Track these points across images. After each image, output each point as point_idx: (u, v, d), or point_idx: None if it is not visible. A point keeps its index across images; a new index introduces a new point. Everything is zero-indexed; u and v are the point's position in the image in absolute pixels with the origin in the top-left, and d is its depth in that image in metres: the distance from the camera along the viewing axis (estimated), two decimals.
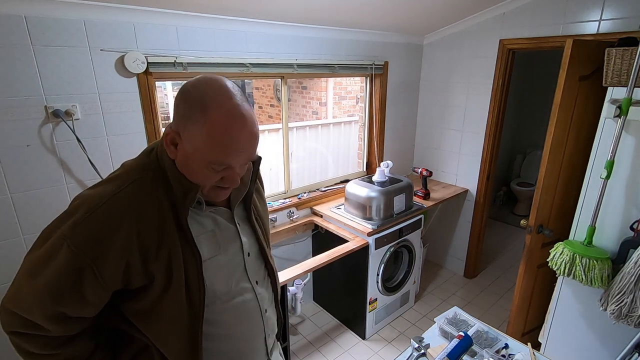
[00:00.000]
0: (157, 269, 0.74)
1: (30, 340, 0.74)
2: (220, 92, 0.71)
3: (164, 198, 0.75)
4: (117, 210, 0.71)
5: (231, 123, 0.70)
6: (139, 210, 0.72)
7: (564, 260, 1.58)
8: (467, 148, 2.93)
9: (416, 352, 1.27)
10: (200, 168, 0.74)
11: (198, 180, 0.76)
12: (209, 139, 0.70)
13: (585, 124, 1.83)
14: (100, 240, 0.69)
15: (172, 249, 0.75)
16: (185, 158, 0.74)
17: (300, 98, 5.37)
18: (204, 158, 0.72)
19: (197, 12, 1.75)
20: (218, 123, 0.69)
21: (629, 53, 1.44)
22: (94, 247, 0.69)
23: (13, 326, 0.73)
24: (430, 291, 2.99)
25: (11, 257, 1.52)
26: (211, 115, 0.69)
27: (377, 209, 2.30)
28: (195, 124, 0.70)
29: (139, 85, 1.70)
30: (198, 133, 0.70)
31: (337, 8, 2.02)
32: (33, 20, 1.39)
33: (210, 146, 0.70)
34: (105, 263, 0.70)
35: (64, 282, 0.69)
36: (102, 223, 0.70)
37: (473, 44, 2.70)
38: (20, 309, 0.71)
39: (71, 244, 0.68)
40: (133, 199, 0.73)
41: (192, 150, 0.72)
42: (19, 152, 1.46)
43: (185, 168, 0.75)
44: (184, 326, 0.79)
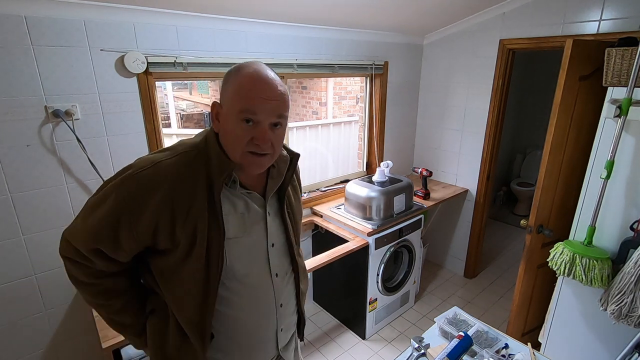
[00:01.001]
0: (183, 235, 0.81)
1: (78, 268, 0.86)
2: (255, 62, 0.84)
3: (202, 173, 0.82)
4: (159, 175, 0.79)
5: (258, 74, 0.81)
6: (177, 179, 0.80)
7: (564, 260, 1.58)
8: (467, 148, 2.93)
9: (416, 352, 1.27)
10: (234, 125, 0.80)
11: (234, 143, 0.82)
12: (239, 87, 0.80)
13: (585, 124, 1.83)
14: (139, 197, 0.78)
15: (200, 221, 0.81)
16: (224, 124, 0.82)
17: (300, 98, 5.37)
18: (236, 109, 0.79)
19: (197, 12, 1.75)
20: (247, 75, 0.80)
21: (629, 53, 1.44)
22: (133, 202, 0.78)
23: (67, 252, 0.86)
24: (430, 291, 2.99)
25: (11, 257, 1.52)
26: (242, 71, 0.81)
27: (377, 209, 2.30)
28: (231, 82, 0.81)
29: (139, 85, 1.70)
30: (231, 88, 0.81)
31: (337, 8, 2.02)
32: (33, 20, 1.39)
33: (239, 95, 0.79)
34: (140, 218, 0.78)
35: (105, 225, 0.79)
36: (144, 183, 0.79)
37: (473, 44, 2.70)
38: (73, 240, 0.84)
39: (117, 195, 0.79)
40: (174, 168, 0.81)
41: (227, 109, 0.81)
42: (19, 152, 1.46)
43: (224, 135, 0.83)
44: (198, 296, 0.85)
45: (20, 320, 1.60)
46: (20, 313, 1.59)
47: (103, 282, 0.88)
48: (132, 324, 0.94)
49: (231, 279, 0.87)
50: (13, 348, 1.61)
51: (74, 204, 1.63)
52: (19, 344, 1.62)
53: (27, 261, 1.56)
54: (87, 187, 1.65)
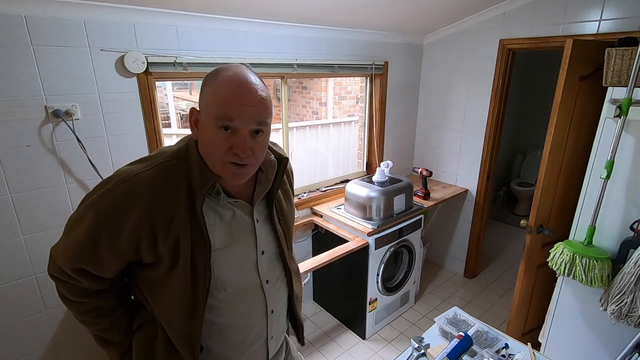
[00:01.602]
0: (165, 250, 0.79)
1: (65, 286, 0.86)
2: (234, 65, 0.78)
3: (183, 184, 0.79)
4: (136, 189, 0.76)
5: (237, 79, 0.75)
6: (155, 193, 0.77)
7: (564, 260, 1.58)
8: (467, 148, 2.93)
9: (416, 352, 1.27)
10: (211, 133, 0.76)
11: (213, 152, 0.77)
12: (216, 92, 0.75)
13: (585, 124, 1.83)
14: (116, 212, 0.75)
15: (182, 234, 0.79)
16: (202, 129, 0.78)
17: (300, 98, 5.37)
18: (213, 115, 0.75)
19: (197, 12, 1.75)
20: (225, 79, 0.76)
21: (629, 53, 1.44)
22: (110, 218, 0.76)
23: (54, 271, 0.86)
24: (430, 291, 2.99)
25: (11, 257, 1.52)
26: (220, 75, 0.76)
27: (377, 209, 2.30)
28: (208, 86, 0.77)
29: (139, 85, 1.70)
30: (209, 91, 0.76)
31: (338, 8, 2.02)
32: (33, 20, 1.39)
33: (216, 100, 0.75)
34: (119, 234, 0.76)
35: (85, 242, 0.78)
36: (121, 197, 0.76)
37: (473, 44, 2.70)
38: (57, 259, 0.84)
39: (95, 211, 0.76)
40: (153, 180, 0.77)
41: (205, 115, 0.77)
42: (19, 152, 1.46)
43: (203, 144, 0.80)
44: (187, 308, 0.83)
45: (20, 320, 1.60)
46: (20, 313, 1.59)
47: (90, 300, 0.87)
48: (120, 342, 0.93)
49: (219, 289, 0.85)
50: (13, 348, 1.61)
51: (74, 204, 1.63)
52: (19, 344, 1.62)
53: (27, 261, 1.56)
54: (87, 187, 1.65)
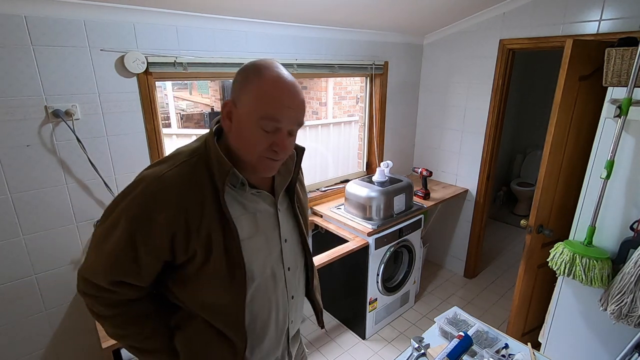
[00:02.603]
0: (198, 244, 0.80)
1: (100, 302, 0.84)
2: (274, 65, 0.80)
3: (207, 179, 0.81)
4: (165, 188, 0.78)
5: (282, 80, 0.78)
6: (183, 189, 0.78)
7: (564, 260, 1.58)
8: (467, 148, 2.93)
9: (416, 352, 1.27)
10: (252, 130, 0.78)
11: (250, 148, 0.80)
12: (262, 93, 0.76)
13: (585, 124, 1.83)
14: (150, 214, 0.76)
15: (212, 226, 0.80)
16: (239, 125, 0.79)
17: None
18: (257, 114, 0.77)
19: (197, 12, 1.75)
20: (271, 79, 0.77)
21: (629, 53, 1.44)
22: (145, 220, 0.76)
23: (87, 289, 0.83)
24: (430, 291, 2.99)
25: (11, 257, 1.52)
26: (265, 74, 0.77)
27: (377, 209, 2.30)
28: (251, 84, 0.77)
29: (139, 85, 1.70)
30: (253, 89, 0.77)
31: (338, 8, 2.02)
32: (33, 20, 1.39)
33: (262, 100, 0.76)
34: (155, 235, 0.77)
35: (123, 250, 0.78)
36: (152, 199, 0.77)
37: (473, 44, 2.70)
38: (91, 276, 0.81)
39: (128, 217, 0.77)
40: (179, 178, 0.79)
41: (246, 112, 0.78)
42: (19, 152, 1.46)
43: (238, 138, 0.81)
44: (229, 296, 0.85)
45: (20, 320, 1.60)
46: (20, 313, 1.59)
47: (129, 310, 0.86)
48: (162, 349, 0.90)
49: (250, 277, 0.88)
50: (13, 348, 1.61)
51: (74, 204, 1.63)
52: (19, 344, 1.62)
53: (27, 261, 1.56)
54: (87, 187, 1.65)
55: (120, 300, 0.84)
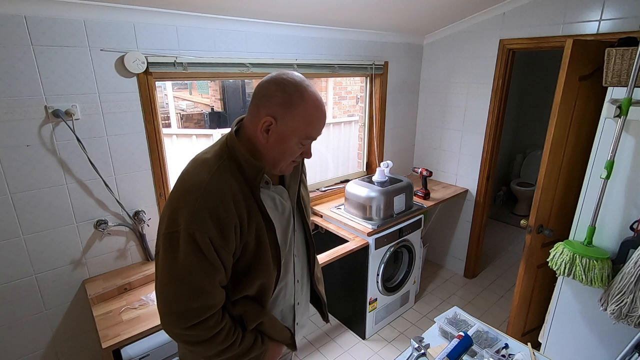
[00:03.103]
0: (250, 237, 0.89)
1: (206, 324, 0.87)
2: (306, 82, 0.88)
3: (240, 178, 0.88)
4: (217, 192, 0.84)
5: (320, 104, 0.89)
6: (230, 190, 0.86)
7: (564, 260, 1.58)
8: (467, 148, 2.93)
9: (416, 352, 1.27)
10: (292, 145, 0.89)
11: (284, 157, 0.91)
12: (310, 117, 0.87)
13: (585, 124, 1.83)
14: (215, 218, 0.82)
15: (258, 220, 0.90)
16: (278, 139, 0.88)
17: None
18: (301, 134, 0.88)
19: (197, 12, 1.75)
20: (313, 104, 0.87)
21: (629, 53, 1.44)
22: (213, 224, 0.82)
23: (188, 321, 0.85)
24: (430, 291, 2.99)
25: (11, 257, 1.52)
26: (308, 98, 0.86)
27: (377, 209, 2.30)
28: (297, 107, 0.85)
29: (139, 85, 1.70)
30: (299, 112, 0.86)
31: (338, 8, 2.02)
32: (33, 20, 1.39)
33: (309, 123, 0.88)
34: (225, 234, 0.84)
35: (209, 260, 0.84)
36: (211, 204, 0.82)
37: (473, 44, 2.70)
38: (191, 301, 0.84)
39: (198, 229, 0.81)
40: (224, 181, 0.86)
41: (289, 130, 0.87)
42: (19, 152, 1.46)
43: (274, 149, 0.90)
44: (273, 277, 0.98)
45: (20, 320, 1.60)
46: (20, 313, 1.59)
47: (225, 316, 0.92)
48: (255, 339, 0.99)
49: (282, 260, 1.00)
50: (13, 348, 1.61)
51: (74, 204, 1.63)
52: (19, 344, 1.62)
53: (27, 261, 1.56)
54: (87, 187, 1.65)
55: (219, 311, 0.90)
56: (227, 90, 7.25)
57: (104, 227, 1.71)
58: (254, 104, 0.88)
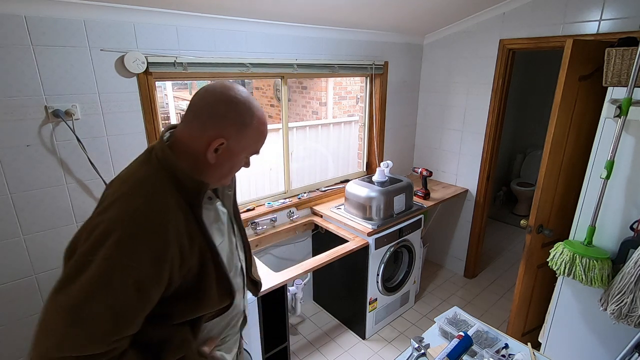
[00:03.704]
0: (193, 263, 0.81)
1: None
2: (251, 97, 0.86)
3: (180, 199, 0.80)
4: (154, 219, 0.74)
5: (265, 120, 0.88)
6: (165, 217, 0.76)
7: (564, 260, 1.58)
8: (467, 148, 2.93)
9: (416, 352, 1.27)
10: (240, 161, 0.88)
11: (231, 172, 0.89)
12: (259, 135, 0.86)
13: (585, 124, 1.83)
14: (146, 252, 0.72)
15: (200, 242, 0.83)
16: (228, 157, 0.84)
17: (300, 98, 5.37)
18: (250, 151, 0.88)
19: (197, 12, 1.75)
20: (262, 122, 0.86)
21: (629, 53, 1.44)
22: (144, 256, 0.71)
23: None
24: (430, 291, 2.99)
25: (11, 257, 1.52)
26: (256, 115, 0.84)
27: (377, 209, 2.30)
28: (248, 126, 0.83)
29: (139, 85, 1.70)
30: (252, 133, 0.84)
31: (338, 8, 2.02)
32: (33, 20, 1.39)
33: (258, 140, 0.87)
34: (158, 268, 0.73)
35: (131, 299, 0.71)
36: (144, 233, 0.72)
37: (473, 44, 2.70)
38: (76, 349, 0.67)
39: (123, 262, 0.69)
40: (162, 205, 0.77)
41: (240, 149, 0.85)
42: (19, 152, 1.46)
43: (222, 167, 0.85)
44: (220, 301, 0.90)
45: (20, 320, 1.60)
46: (20, 313, 1.59)
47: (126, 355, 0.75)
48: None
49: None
50: (13, 348, 1.61)
51: (74, 204, 1.63)
52: (19, 344, 1.62)
53: (27, 261, 1.56)
54: (87, 187, 1.65)
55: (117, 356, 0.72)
56: None
57: None
58: (199, 122, 0.80)
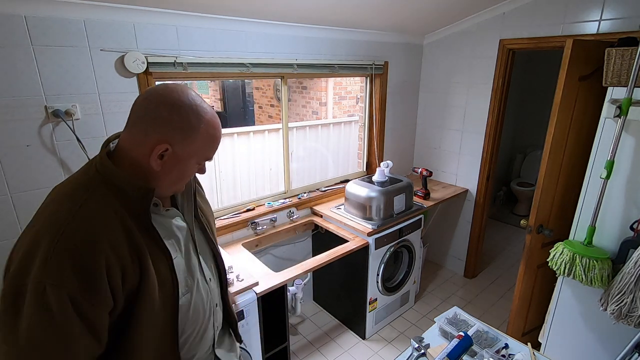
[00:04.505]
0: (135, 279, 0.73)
1: None
2: (199, 99, 0.80)
3: (120, 209, 0.73)
4: (83, 231, 0.67)
5: (217, 123, 0.82)
6: (105, 227, 0.70)
7: (564, 260, 1.58)
8: (467, 148, 2.93)
9: (416, 352, 1.27)
10: (190, 167, 0.81)
11: (181, 180, 0.83)
12: (209, 140, 0.80)
13: (585, 124, 1.83)
14: (78, 266, 0.65)
15: (143, 256, 0.74)
16: (175, 164, 0.78)
17: (300, 98, 5.37)
18: (200, 157, 0.81)
19: (197, 12, 1.75)
20: (212, 125, 0.80)
21: (629, 53, 1.44)
22: (75, 275, 0.64)
23: None
24: (430, 291, 2.99)
25: None
26: (205, 118, 0.78)
27: (377, 209, 2.30)
28: (194, 130, 0.77)
29: (139, 85, 1.70)
30: (200, 138, 0.78)
31: (338, 8, 2.02)
32: (33, 20, 1.39)
33: (208, 146, 0.81)
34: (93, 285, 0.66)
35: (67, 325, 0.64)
36: (72, 247, 0.65)
37: (473, 44, 2.70)
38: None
39: (52, 282, 0.62)
40: (94, 215, 0.70)
41: (187, 155, 0.78)
42: (19, 152, 1.46)
43: (169, 174, 0.79)
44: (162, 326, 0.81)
45: None
46: None
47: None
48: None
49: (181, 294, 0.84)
50: None
51: None
52: None
53: None
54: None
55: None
56: (227, 90, 7.25)
57: None
58: (140, 127, 0.75)
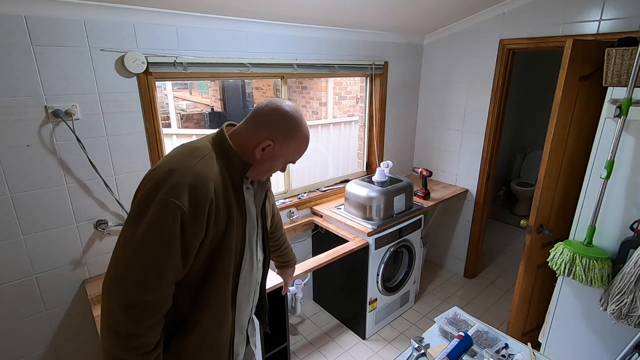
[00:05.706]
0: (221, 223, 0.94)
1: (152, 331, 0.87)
2: (302, 117, 1.01)
3: (224, 170, 0.96)
4: (201, 173, 0.90)
5: (308, 137, 1.04)
6: (214, 175, 0.92)
7: (564, 260, 1.58)
8: (467, 148, 2.93)
9: (416, 352, 1.27)
10: (279, 164, 1.04)
11: (269, 171, 1.05)
12: (299, 147, 1.03)
13: (585, 124, 1.83)
14: (193, 194, 0.86)
15: (231, 209, 0.96)
16: (270, 158, 1.00)
17: (300, 98, 5.37)
18: (290, 158, 1.04)
19: (197, 12, 1.75)
20: (305, 138, 1.03)
21: (629, 53, 1.44)
22: (189, 199, 0.86)
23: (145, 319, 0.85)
24: (430, 291, 2.99)
25: (11, 257, 1.52)
26: (301, 132, 1.01)
27: (377, 209, 2.30)
28: (294, 138, 1.00)
29: (139, 85, 1.70)
30: (293, 144, 1.01)
31: (338, 8, 2.02)
32: (33, 20, 1.39)
33: (297, 152, 1.04)
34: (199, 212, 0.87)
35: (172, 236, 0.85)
36: (192, 182, 0.87)
37: (473, 44, 2.70)
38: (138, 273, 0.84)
39: (174, 198, 0.84)
40: (208, 167, 0.92)
41: (281, 154, 1.01)
42: (19, 152, 1.46)
43: (263, 164, 1.01)
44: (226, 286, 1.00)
45: (20, 320, 1.60)
46: (20, 313, 1.59)
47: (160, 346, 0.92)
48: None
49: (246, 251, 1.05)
50: (13, 348, 1.61)
51: (74, 204, 1.63)
52: (19, 344, 1.62)
53: (27, 261, 1.56)
54: (87, 187, 1.65)
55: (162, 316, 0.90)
56: (227, 91, 7.25)
57: (104, 227, 1.71)
58: (255, 123, 0.98)
